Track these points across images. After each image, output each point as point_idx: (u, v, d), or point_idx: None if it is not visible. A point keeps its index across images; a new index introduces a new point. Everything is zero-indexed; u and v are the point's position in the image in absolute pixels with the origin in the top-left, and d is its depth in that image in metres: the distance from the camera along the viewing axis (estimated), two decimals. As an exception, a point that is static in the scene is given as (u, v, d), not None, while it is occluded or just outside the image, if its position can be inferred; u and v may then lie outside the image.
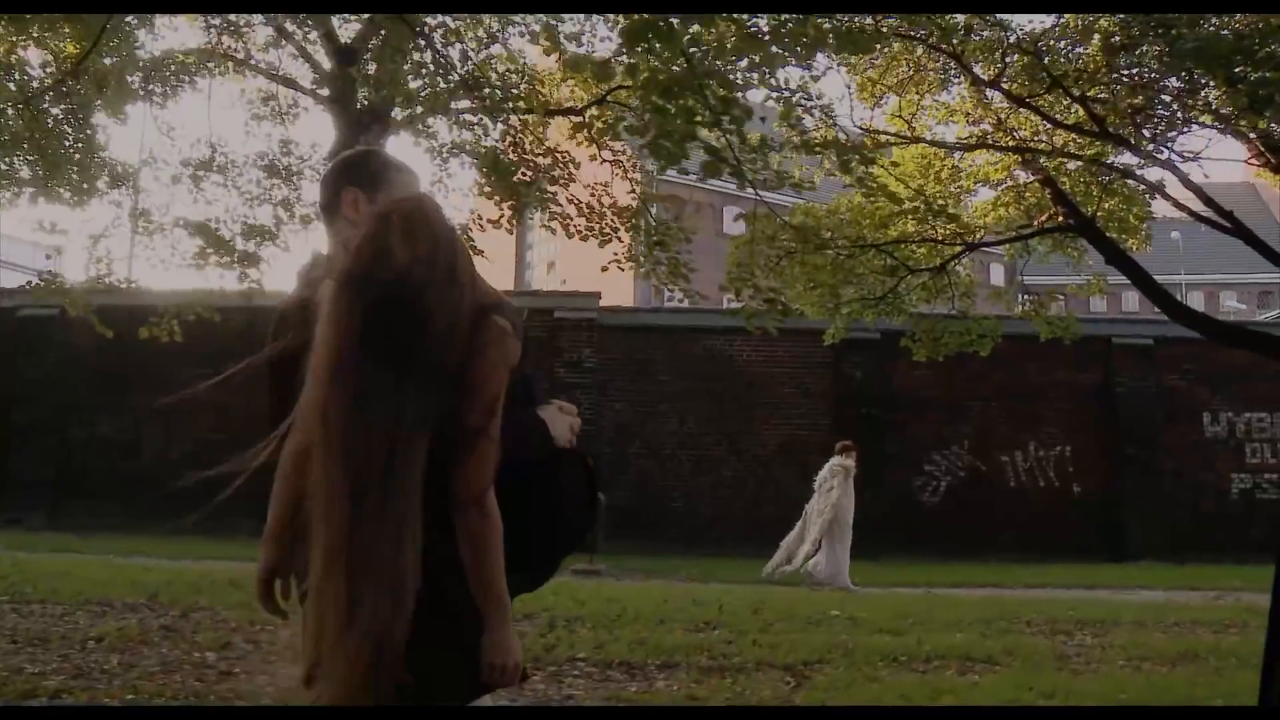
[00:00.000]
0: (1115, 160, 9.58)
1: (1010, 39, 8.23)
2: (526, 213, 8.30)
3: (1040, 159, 9.47)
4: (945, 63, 8.98)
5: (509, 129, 7.14)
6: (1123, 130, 8.48)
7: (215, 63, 8.76)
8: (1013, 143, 9.73)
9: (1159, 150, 8.59)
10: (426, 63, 5.82)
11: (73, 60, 6.88)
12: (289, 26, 8.69)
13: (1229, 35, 6.09)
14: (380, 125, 6.56)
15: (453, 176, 22.10)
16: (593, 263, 9.26)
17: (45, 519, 14.12)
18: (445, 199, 8.30)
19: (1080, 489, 15.32)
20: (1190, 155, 7.93)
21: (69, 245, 9.73)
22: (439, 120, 7.00)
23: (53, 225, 8.73)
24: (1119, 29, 7.43)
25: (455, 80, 6.03)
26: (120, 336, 10.21)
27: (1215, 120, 7.95)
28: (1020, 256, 12.42)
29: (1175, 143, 8.82)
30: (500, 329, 1.72)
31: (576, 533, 1.97)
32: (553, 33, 4.67)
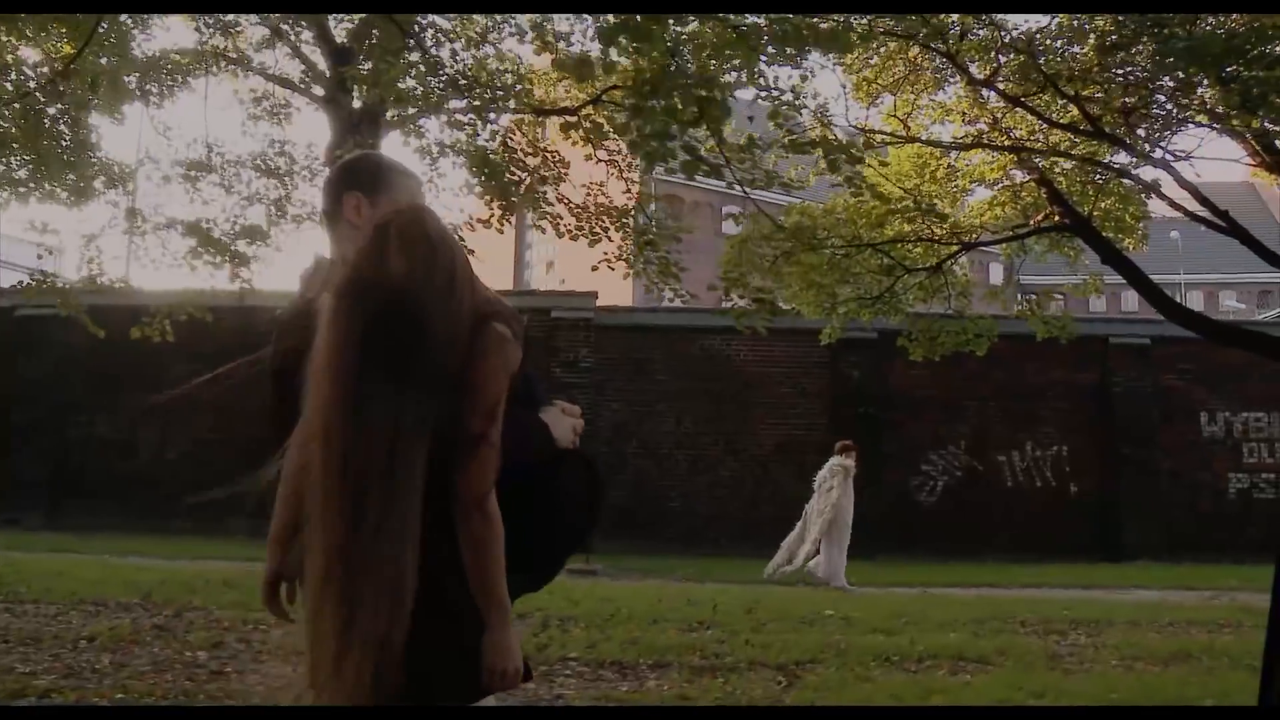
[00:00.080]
0: (1111, 160, 9.58)
1: (1005, 38, 8.24)
2: (524, 212, 8.29)
3: (1035, 158, 9.48)
4: (940, 62, 8.98)
5: (498, 129, 7.15)
6: (1117, 130, 8.49)
7: (210, 62, 8.76)
8: (1008, 142, 9.73)
9: (1154, 150, 8.60)
10: (416, 63, 5.81)
11: (64, 60, 6.88)
12: (283, 27, 8.70)
13: (1221, 35, 6.09)
14: (372, 125, 6.56)
15: (444, 176, 22.12)
16: (591, 262, 9.26)
17: (43, 519, 14.13)
18: (436, 199, 8.32)
19: (1077, 489, 15.30)
20: (1183, 155, 7.91)
21: (67, 245, 9.74)
22: (430, 120, 7.02)
23: (44, 225, 8.74)
24: (1114, 27, 7.43)
25: (445, 79, 6.03)
26: (117, 336, 10.21)
27: (1210, 119, 7.96)
28: (1017, 256, 12.44)
29: (1170, 142, 8.83)
30: (500, 335, 1.73)
31: (578, 533, 1.97)
32: (542, 32, 4.68)
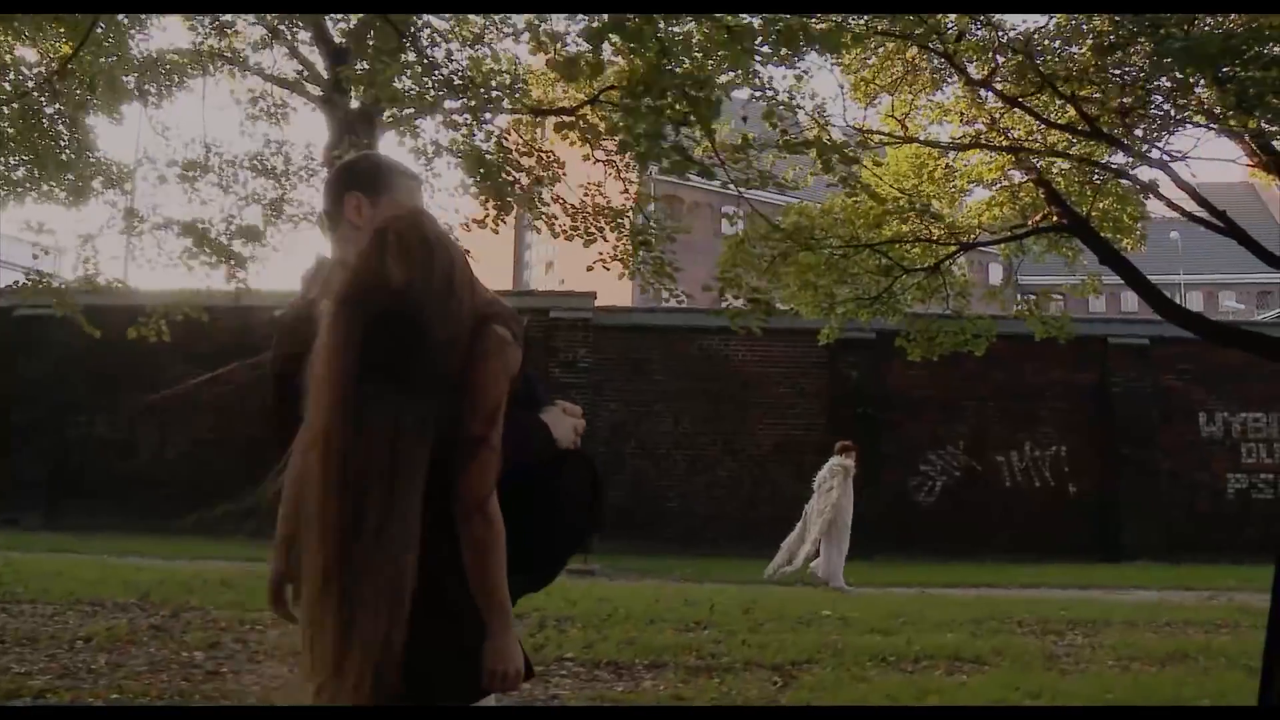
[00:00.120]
0: (1109, 160, 9.58)
1: (1002, 38, 8.24)
2: (523, 212, 8.29)
3: (1033, 159, 9.48)
4: (939, 63, 8.98)
5: (494, 129, 7.15)
6: (1115, 130, 8.48)
7: (206, 63, 8.75)
8: (1006, 142, 9.73)
9: (1151, 150, 8.60)
10: (412, 63, 5.81)
11: (61, 60, 6.88)
12: (280, 27, 8.69)
13: (1218, 35, 6.08)
14: (368, 125, 6.56)
15: (439, 176, 22.08)
16: (590, 263, 9.25)
17: (42, 519, 14.13)
18: (431, 199, 8.31)
19: (1076, 489, 15.30)
20: (1179, 155, 7.91)
21: (67, 245, 9.73)
22: (426, 120, 7.02)
23: (40, 225, 8.73)
24: (1111, 28, 7.43)
25: (439, 79, 6.03)
26: (116, 337, 10.22)
27: (1208, 120, 7.95)
28: (1015, 256, 12.44)
29: (1167, 142, 8.83)
30: (500, 338, 1.73)
31: (579, 534, 1.97)
32: (536, 32, 4.67)
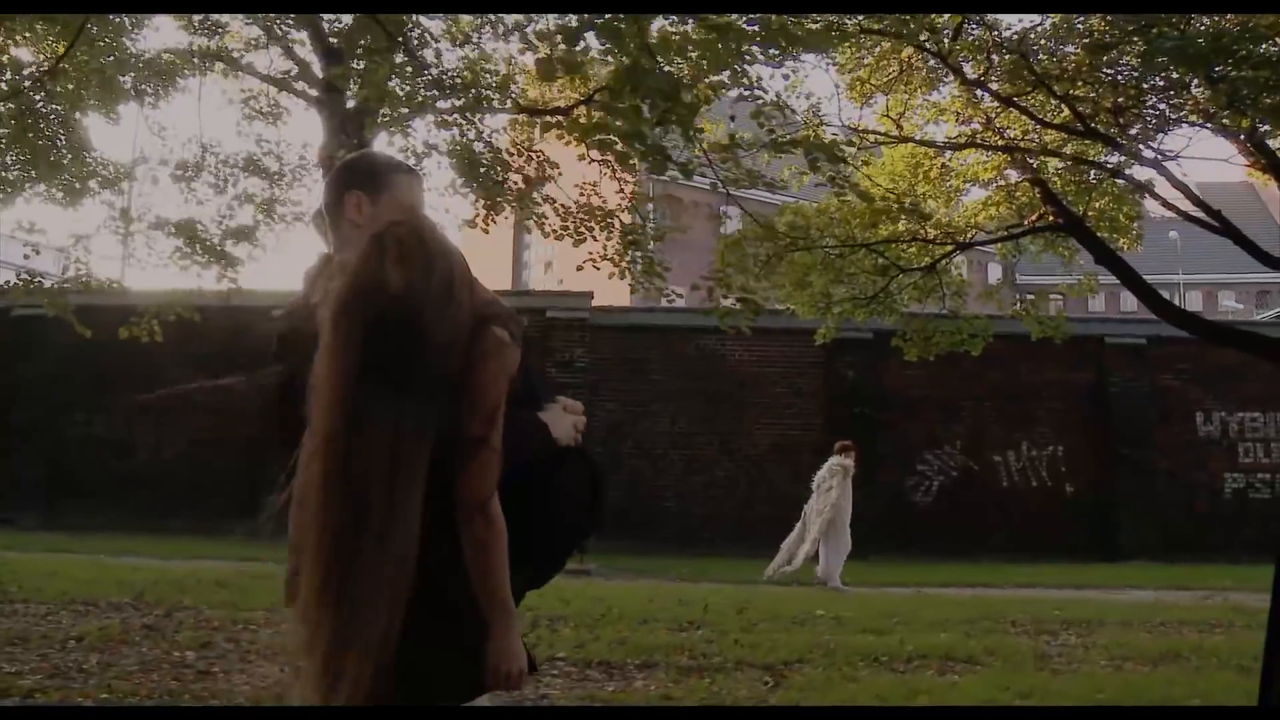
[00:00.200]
0: (1105, 160, 9.58)
1: (996, 37, 8.23)
2: (514, 212, 8.29)
3: (1028, 158, 9.47)
4: (934, 62, 8.97)
5: (484, 129, 7.17)
6: (1110, 130, 8.48)
7: (199, 62, 8.75)
8: (1001, 142, 9.73)
9: (1146, 149, 8.59)
10: (403, 64, 5.81)
11: (54, 60, 6.89)
12: (276, 28, 8.69)
13: (1209, 34, 6.08)
14: (358, 126, 6.56)
15: (429, 176, 22.14)
16: (582, 262, 9.24)
17: (38, 519, 14.12)
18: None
19: (1073, 489, 15.29)
20: (1172, 155, 7.91)
21: (66, 245, 9.73)
22: (418, 120, 7.02)
23: (31, 225, 8.74)
24: (1105, 27, 7.42)
25: (429, 80, 6.03)
26: (113, 337, 10.22)
27: (1204, 119, 7.95)
28: (1012, 256, 12.43)
29: (1161, 142, 8.82)
30: (498, 339, 1.74)
31: (579, 531, 1.98)
32: (525, 32, 4.68)
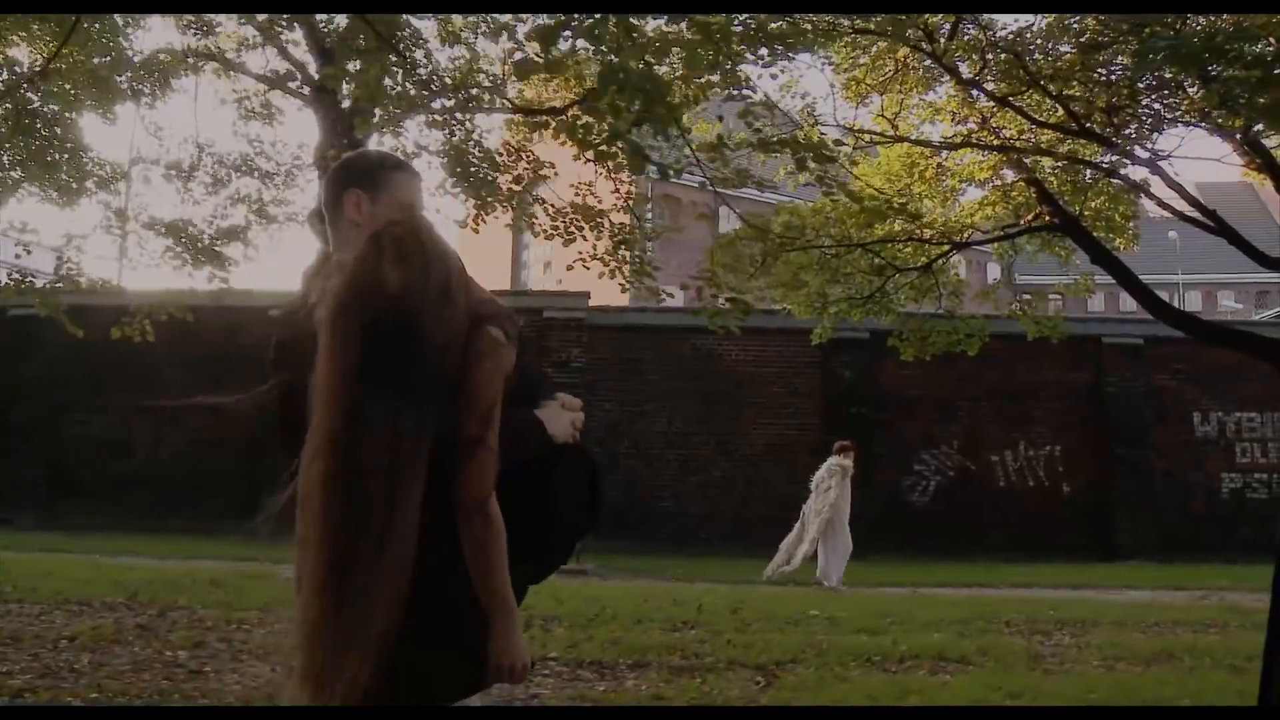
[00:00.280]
0: (1101, 160, 9.57)
1: (990, 36, 8.22)
2: (506, 212, 8.28)
3: (1024, 158, 9.47)
4: (930, 62, 8.97)
5: (474, 128, 7.18)
6: (1105, 130, 8.47)
7: (193, 61, 8.75)
8: (997, 142, 9.72)
9: (1140, 148, 8.58)
10: (390, 64, 5.81)
11: (46, 59, 6.89)
12: (274, 28, 8.68)
13: (1202, 34, 6.07)
14: (348, 125, 6.56)
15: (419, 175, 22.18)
16: (574, 263, 9.22)
17: (35, 519, 14.12)
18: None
19: (1070, 489, 15.29)
20: (1164, 154, 7.89)
21: (57, 245, 9.72)
22: (409, 120, 7.03)
23: (24, 224, 8.73)
24: (1098, 26, 7.41)
25: (418, 79, 6.04)
26: (109, 337, 10.21)
27: (1198, 118, 7.94)
28: (1008, 256, 12.43)
29: (1156, 141, 8.82)
30: (493, 339, 1.75)
31: (576, 529, 1.99)
32: (513, 31, 4.69)
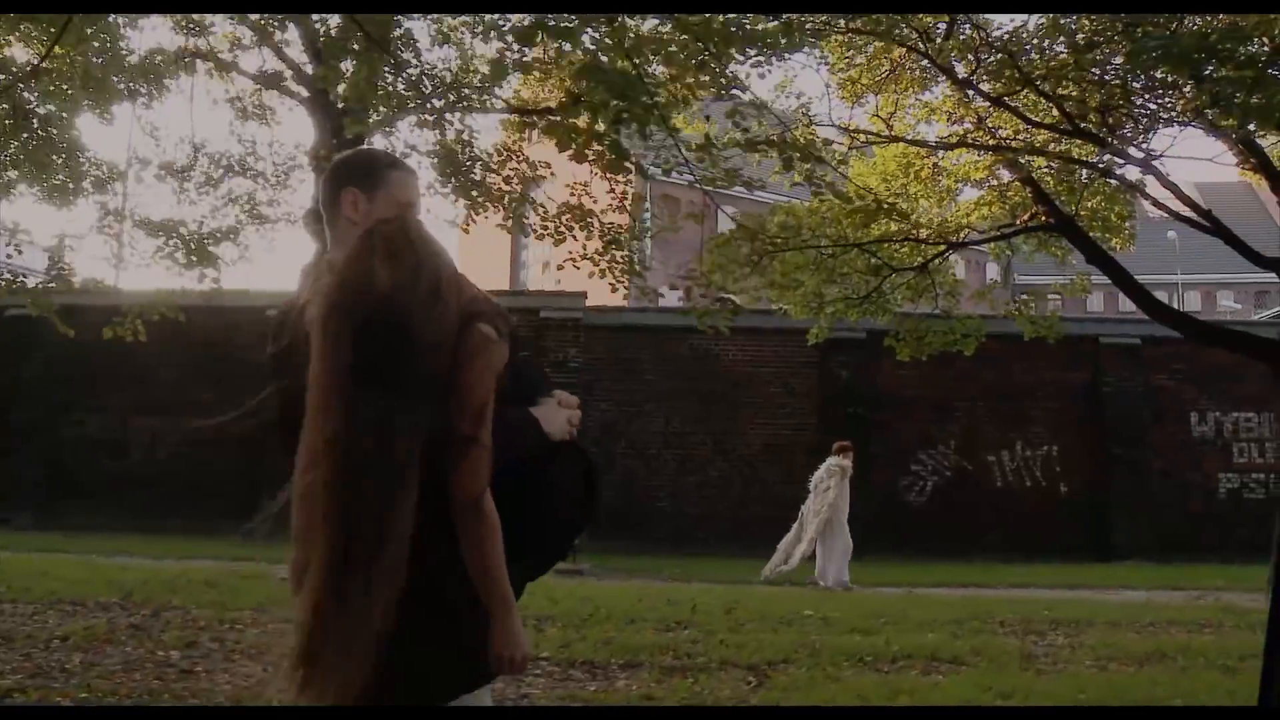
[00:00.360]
0: (1098, 159, 9.57)
1: (985, 36, 8.23)
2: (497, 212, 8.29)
3: (1020, 157, 9.47)
4: (926, 62, 8.97)
5: (463, 129, 7.18)
6: (1101, 130, 8.47)
7: (186, 61, 8.76)
8: (992, 141, 9.72)
9: (1134, 148, 8.58)
10: (379, 62, 5.81)
11: (39, 59, 6.90)
12: (268, 27, 8.69)
13: (1194, 34, 6.07)
14: (339, 125, 6.57)
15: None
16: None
17: (32, 519, 14.12)
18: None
19: (1067, 489, 15.28)
20: (1157, 154, 7.90)
21: (54, 244, 9.75)
22: (398, 120, 7.02)
23: (16, 224, 8.75)
24: (1091, 25, 7.42)
25: (407, 80, 6.05)
26: (105, 337, 10.21)
27: (1193, 118, 7.94)
28: (1004, 256, 12.43)
29: (1150, 141, 8.82)
30: (485, 336, 1.75)
31: (573, 526, 2.00)
32: (502, 31, 4.69)
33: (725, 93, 4.79)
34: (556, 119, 4.41)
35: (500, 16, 4.10)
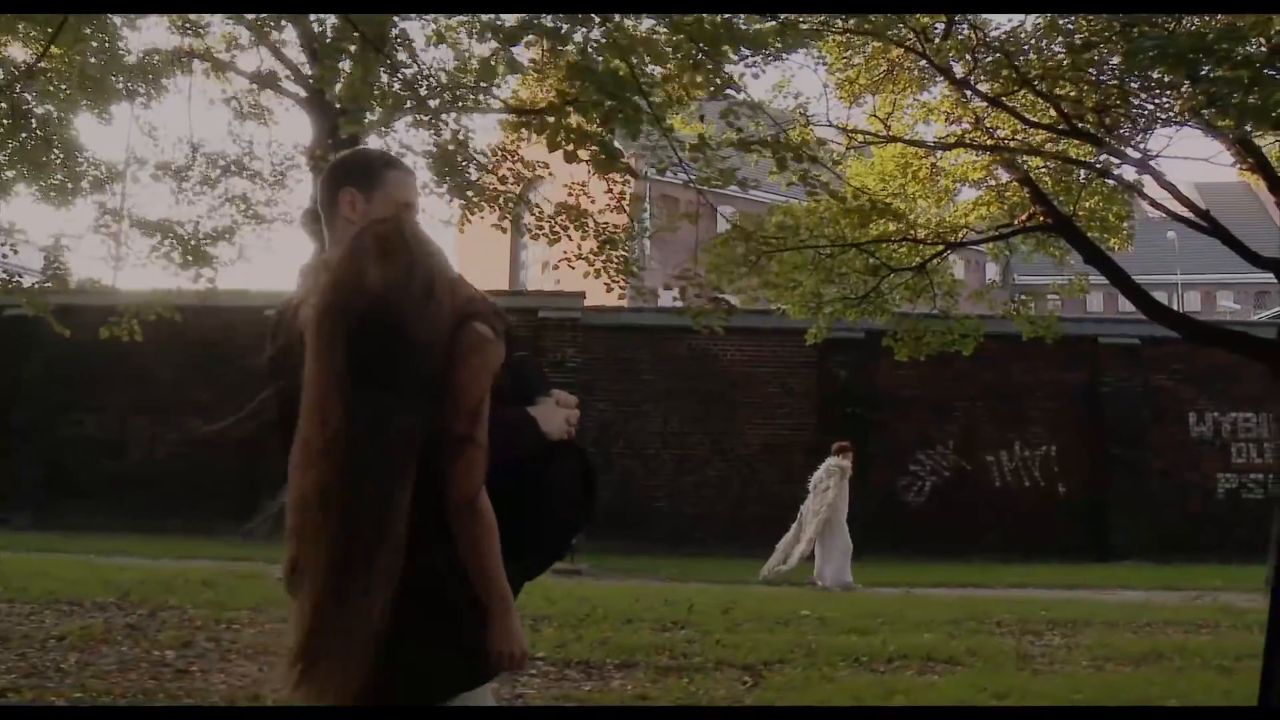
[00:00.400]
0: (1096, 159, 9.58)
1: (983, 37, 8.24)
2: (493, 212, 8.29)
3: (1017, 157, 9.48)
4: (923, 63, 8.98)
5: (458, 129, 7.19)
6: (1099, 131, 8.48)
7: (184, 61, 8.77)
8: (990, 141, 9.73)
9: (1131, 148, 8.59)
10: (373, 62, 5.82)
11: (35, 59, 6.91)
12: (265, 27, 8.69)
13: (1190, 34, 6.07)
14: (335, 124, 6.57)
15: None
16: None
17: (31, 519, 14.12)
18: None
19: (1066, 489, 15.27)
20: (1153, 154, 7.91)
21: (50, 244, 9.76)
22: (393, 120, 7.03)
23: (11, 225, 8.75)
24: (1087, 26, 7.42)
25: (403, 80, 6.06)
26: (102, 337, 10.21)
27: (1191, 118, 7.95)
28: (1002, 256, 12.43)
29: (1147, 141, 8.83)
30: (480, 335, 1.75)
31: (570, 526, 2.00)
32: (496, 31, 4.70)
33: (720, 93, 4.79)
34: (549, 119, 4.41)
35: (495, 17, 4.12)
